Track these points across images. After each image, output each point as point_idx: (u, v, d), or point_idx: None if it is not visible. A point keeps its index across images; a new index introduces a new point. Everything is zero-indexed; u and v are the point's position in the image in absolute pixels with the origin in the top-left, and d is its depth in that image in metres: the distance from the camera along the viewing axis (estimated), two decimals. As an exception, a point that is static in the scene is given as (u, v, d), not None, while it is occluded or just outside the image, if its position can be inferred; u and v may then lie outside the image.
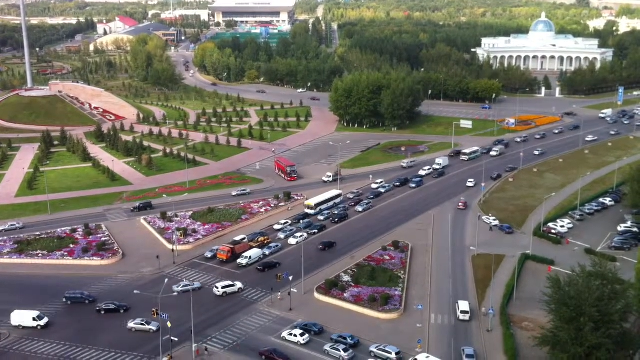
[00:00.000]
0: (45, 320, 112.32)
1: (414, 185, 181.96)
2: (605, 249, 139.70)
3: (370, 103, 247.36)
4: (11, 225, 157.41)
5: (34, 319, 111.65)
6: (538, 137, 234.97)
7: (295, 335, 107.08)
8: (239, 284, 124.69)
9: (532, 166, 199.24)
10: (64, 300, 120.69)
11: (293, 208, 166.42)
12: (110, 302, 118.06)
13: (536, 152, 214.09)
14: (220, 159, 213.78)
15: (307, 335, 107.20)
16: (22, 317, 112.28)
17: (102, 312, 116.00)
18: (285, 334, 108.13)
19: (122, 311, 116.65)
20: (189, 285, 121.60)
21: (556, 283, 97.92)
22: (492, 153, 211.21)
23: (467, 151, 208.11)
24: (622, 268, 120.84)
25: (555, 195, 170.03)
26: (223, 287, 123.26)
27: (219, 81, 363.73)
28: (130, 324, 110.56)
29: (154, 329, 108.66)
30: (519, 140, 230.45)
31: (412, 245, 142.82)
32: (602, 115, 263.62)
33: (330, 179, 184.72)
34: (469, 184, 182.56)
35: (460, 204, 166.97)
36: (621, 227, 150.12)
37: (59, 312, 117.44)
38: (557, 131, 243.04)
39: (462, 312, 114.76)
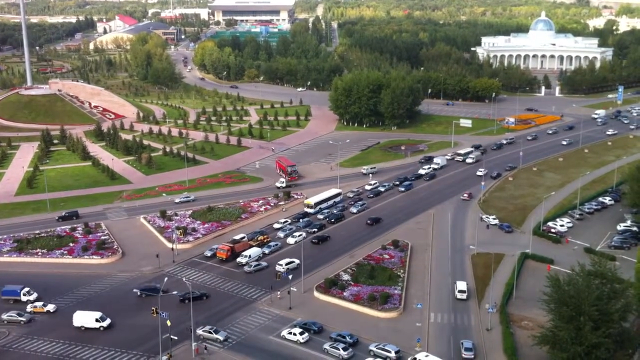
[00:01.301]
0: (108, 321, 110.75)
1: (402, 189, 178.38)
2: (605, 248, 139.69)
3: (370, 102, 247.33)
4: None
5: (96, 320, 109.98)
6: (530, 138, 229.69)
7: (294, 334, 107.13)
8: (297, 260, 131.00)
9: (531, 165, 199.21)
10: (138, 293, 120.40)
11: (287, 209, 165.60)
12: (194, 290, 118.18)
13: (564, 142, 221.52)
14: (220, 157, 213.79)
15: (306, 334, 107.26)
16: (85, 318, 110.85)
17: (186, 302, 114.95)
18: (284, 332, 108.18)
19: (204, 298, 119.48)
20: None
21: (556, 282, 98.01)
22: (468, 160, 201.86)
23: (461, 152, 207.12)
24: (621, 267, 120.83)
25: (554, 194, 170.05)
26: (286, 264, 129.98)
27: (219, 80, 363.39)
28: (200, 331, 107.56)
29: (221, 338, 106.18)
30: (504, 142, 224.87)
31: (412, 244, 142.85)
32: (595, 116, 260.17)
33: (284, 185, 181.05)
34: (479, 173, 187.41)
35: (465, 195, 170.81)
36: (621, 226, 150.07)
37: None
38: (550, 131, 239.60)
39: (459, 291, 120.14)
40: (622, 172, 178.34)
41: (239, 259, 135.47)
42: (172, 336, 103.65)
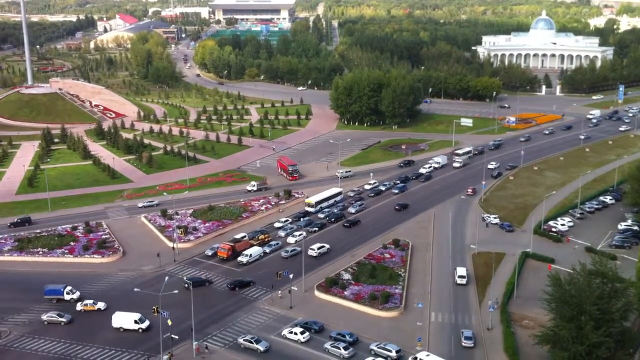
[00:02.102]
0: (147, 322, 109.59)
1: (396, 192, 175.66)
2: (606, 247, 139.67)
3: (371, 101, 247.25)
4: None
5: (135, 322, 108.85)
6: (523, 139, 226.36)
7: (295, 334, 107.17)
8: (327, 245, 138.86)
9: (532, 164, 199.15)
10: (185, 285, 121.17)
11: (284, 210, 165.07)
12: (240, 278, 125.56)
13: (581, 137, 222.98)
14: (221, 156, 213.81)
15: (307, 333, 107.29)
16: (124, 320, 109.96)
17: (236, 289, 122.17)
18: (285, 332, 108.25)
19: (251, 284, 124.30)
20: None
21: (557, 281, 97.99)
22: (455, 164, 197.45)
23: (460, 152, 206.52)
24: (622, 266, 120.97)
25: (555, 193, 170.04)
26: (318, 249, 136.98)
27: (221, 79, 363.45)
28: (240, 340, 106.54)
29: (262, 349, 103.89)
30: (492, 144, 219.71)
31: (413, 243, 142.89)
32: (590, 116, 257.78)
33: (255, 188, 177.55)
34: (490, 166, 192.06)
35: (469, 190, 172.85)
36: (621, 226, 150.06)
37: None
38: (547, 132, 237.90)
39: (459, 276, 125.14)
40: (622, 171, 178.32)
41: (239, 258, 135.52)
42: (172, 335, 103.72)
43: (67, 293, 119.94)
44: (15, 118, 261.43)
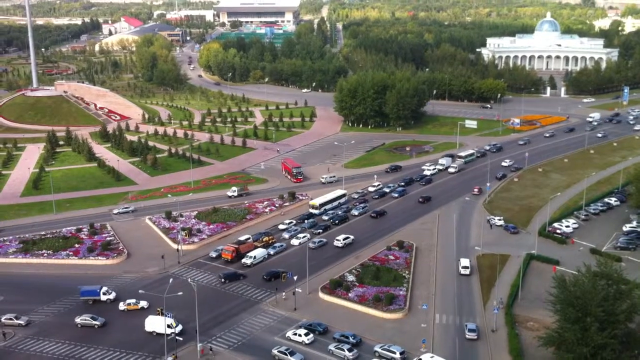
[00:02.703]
0: (180, 327, 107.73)
1: (396, 195, 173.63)
2: (611, 249, 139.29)
3: (375, 103, 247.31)
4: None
5: (168, 326, 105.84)
6: (522, 142, 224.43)
7: (299, 335, 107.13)
8: (352, 237, 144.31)
9: (537, 166, 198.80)
10: (222, 280, 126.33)
11: (286, 213, 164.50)
12: (274, 269, 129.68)
13: (599, 135, 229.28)
14: (225, 158, 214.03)
15: (311, 335, 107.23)
16: (157, 323, 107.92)
17: (272, 280, 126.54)
18: (289, 333, 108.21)
19: (286, 274, 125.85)
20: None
21: (561, 283, 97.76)
22: (450, 170, 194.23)
23: (462, 154, 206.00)
24: (627, 268, 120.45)
25: (560, 195, 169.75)
26: (343, 239, 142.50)
27: (224, 81, 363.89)
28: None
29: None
30: (488, 147, 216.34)
31: (417, 245, 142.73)
32: (590, 119, 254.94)
33: (235, 194, 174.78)
34: (503, 164, 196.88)
35: (475, 190, 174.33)
36: (626, 227, 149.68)
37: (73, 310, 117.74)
38: (547, 134, 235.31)
39: (463, 267, 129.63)
40: (627, 173, 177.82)
41: (243, 260, 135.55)
42: (177, 337, 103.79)
43: (104, 294, 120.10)
44: (21, 120, 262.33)
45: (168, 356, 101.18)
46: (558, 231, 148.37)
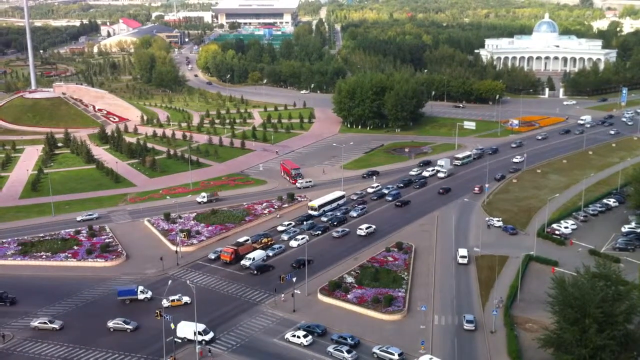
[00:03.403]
0: (211, 335, 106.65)
1: (390, 199, 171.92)
2: (609, 250, 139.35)
3: (374, 104, 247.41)
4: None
5: (199, 333, 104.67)
6: (514, 145, 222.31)
7: (298, 337, 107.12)
8: (374, 226, 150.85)
9: (535, 167, 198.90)
10: (253, 271, 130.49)
11: (282, 216, 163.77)
12: (301, 257, 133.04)
13: (612, 132, 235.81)
14: (224, 160, 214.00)
15: (310, 337, 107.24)
16: (188, 330, 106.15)
17: (300, 267, 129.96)
18: (288, 335, 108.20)
19: (311, 263, 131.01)
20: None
21: (560, 284, 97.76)
22: (440, 175, 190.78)
23: (459, 156, 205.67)
24: (626, 269, 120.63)
25: (559, 196, 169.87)
26: (366, 228, 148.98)
27: (222, 82, 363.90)
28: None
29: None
30: (473, 151, 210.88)
31: (416, 246, 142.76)
32: (581, 122, 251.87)
33: (205, 200, 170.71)
34: (515, 160, 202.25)
35: (476, 188, 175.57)
36: (625, 228, 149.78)
37: (69, 313, 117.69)
38: (540, 137, 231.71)
39: (461, 256, 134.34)
40: (626, 173, 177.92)
41: (242, 262, 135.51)
42: (175, 339, 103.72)
43: (141, 292, 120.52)
44: (19, 122, 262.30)
45: (167, 358, 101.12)
46: (557, 232, 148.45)
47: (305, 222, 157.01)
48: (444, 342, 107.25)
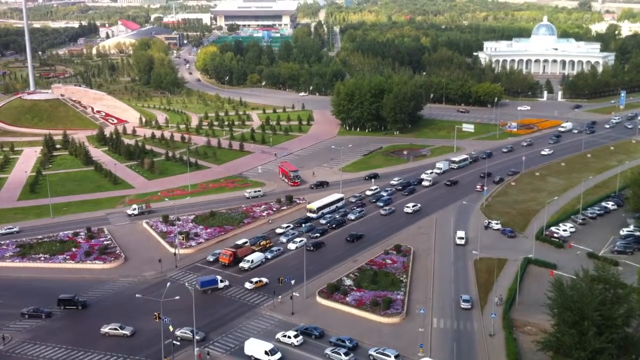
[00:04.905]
0: (278, 355, 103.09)
1: (381, 205, 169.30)
2: (608, 253, 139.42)
3: (372, 106, 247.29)
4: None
5: (265, 353, 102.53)
6: (505, 150, 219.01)
7: (289, 337, 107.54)
8: (419, 204, 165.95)
9: (534, 170, 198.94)
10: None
11: (273, 221, 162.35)
12: (354, 232, 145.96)
13: (629, 126, 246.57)
14: (222, 162, 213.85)
15: (300, 337, 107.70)
16: (256, 348, 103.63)
17: (354, 241, 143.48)
18: (279, 335, 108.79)
19: (363, 237, 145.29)
20: None
21: (559, 287, 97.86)
22: (425, 183, 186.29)
23: (455, 159, 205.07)
24: (624, 272, 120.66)
25: (557, 199, 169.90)
26: (413, 207, 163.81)
27: (221, 85, 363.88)
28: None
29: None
30: (457, 160, 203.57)
31: (414, 248, 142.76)
32: (562, 129, 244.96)
33: (136, 212, 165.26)
34: (543, 153, 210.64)
35: (477, 186, 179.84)
36: (623, 231, 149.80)
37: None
38: (525, 143, 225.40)
39: (459, 237, 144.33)
40: (625, 176, 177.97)
41: (241, 264, 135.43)
42: (174, 341, 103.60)
43: (221, 281, 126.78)
44: (17, 124, 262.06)
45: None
46: (555, 235, 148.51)
47: (303, 225, 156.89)
48: (443, 345, 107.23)
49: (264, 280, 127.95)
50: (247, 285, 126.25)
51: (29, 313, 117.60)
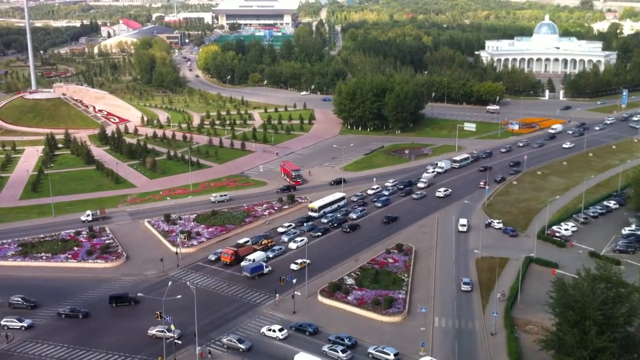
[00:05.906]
0: None
1: (379, 205, 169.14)
2: (610, 252, 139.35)
3: (374, 106, 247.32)
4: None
5: None
6: (504, 150, 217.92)
7: (273, 331, 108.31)
8: (450, 189, 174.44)
9: (536, 169, 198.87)
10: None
11: (270, 222, 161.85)
12: (390, 214, 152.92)
13: (636, 126, 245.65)
14: (224, 161, 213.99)
15: (285, 331, 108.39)
16: None
17: (389, 222, 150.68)
18: (264, 329, 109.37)
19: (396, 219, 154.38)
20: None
21: (561, 286, 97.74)
22: (419, 184, 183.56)
23: (457, 158, 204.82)
24: (626, 271, 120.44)
25: (559, 198, 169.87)
26: (444, 191, 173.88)
27: (223, 84, 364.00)
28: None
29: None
30: (457, 159, 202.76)
31: (416, 248, 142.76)
32: (552, 131, 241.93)
33: (90, 218, 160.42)
34: (564, 146, 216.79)
35: (481, 183, 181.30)
36: (625, 230, 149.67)
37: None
38: (521, 144, 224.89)
39: (461, 225, 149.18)
40: (626, 175, 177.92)
41: (242, 263, 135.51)
42: (176, 340, 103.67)
43: (266, 267, 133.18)
44: (19, 123, 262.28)
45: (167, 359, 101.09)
46: (557, 234, 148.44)
47: (305, 224, 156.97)
48: (444, 344, 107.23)
49: (307, 261, 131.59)
50: (293, 266, 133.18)
51: (65, 313, 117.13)
